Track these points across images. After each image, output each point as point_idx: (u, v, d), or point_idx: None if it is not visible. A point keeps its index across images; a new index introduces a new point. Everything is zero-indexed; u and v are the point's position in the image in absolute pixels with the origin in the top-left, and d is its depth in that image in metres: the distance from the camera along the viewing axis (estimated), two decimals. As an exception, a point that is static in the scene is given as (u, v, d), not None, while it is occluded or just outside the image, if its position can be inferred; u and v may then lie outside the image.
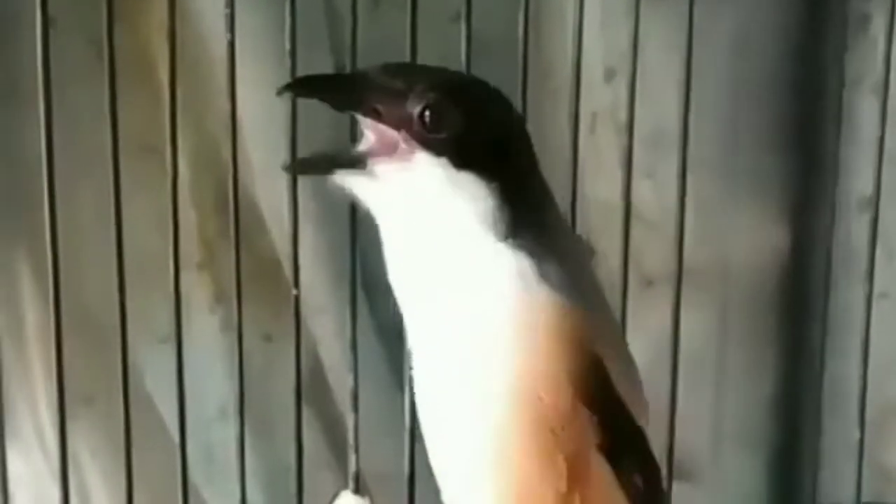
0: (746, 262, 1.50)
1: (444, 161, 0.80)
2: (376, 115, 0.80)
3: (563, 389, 0.80)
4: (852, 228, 1.42)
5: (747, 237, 1.50)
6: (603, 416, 0.81)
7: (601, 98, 1.43)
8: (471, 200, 0.80)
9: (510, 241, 0.81)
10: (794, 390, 1.53)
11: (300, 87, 0.85)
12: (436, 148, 0.80)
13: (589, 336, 0.81)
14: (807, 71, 1.46)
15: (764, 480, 1.56)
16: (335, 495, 1.28)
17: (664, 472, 1.22)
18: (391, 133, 0.80)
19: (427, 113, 0.79)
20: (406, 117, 0.80)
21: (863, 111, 1.40)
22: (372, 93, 0.80)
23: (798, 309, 1.51)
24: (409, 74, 0.83)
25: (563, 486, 0.80)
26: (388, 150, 0.80)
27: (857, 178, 1.42)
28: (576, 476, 0.81)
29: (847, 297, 1.40)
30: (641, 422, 0.86)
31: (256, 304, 1.30)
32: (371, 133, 0.81)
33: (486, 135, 0.81)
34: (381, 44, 1.20)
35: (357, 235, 1.19)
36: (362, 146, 0.82)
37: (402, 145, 0.80)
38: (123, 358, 1.15)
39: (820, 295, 1.41)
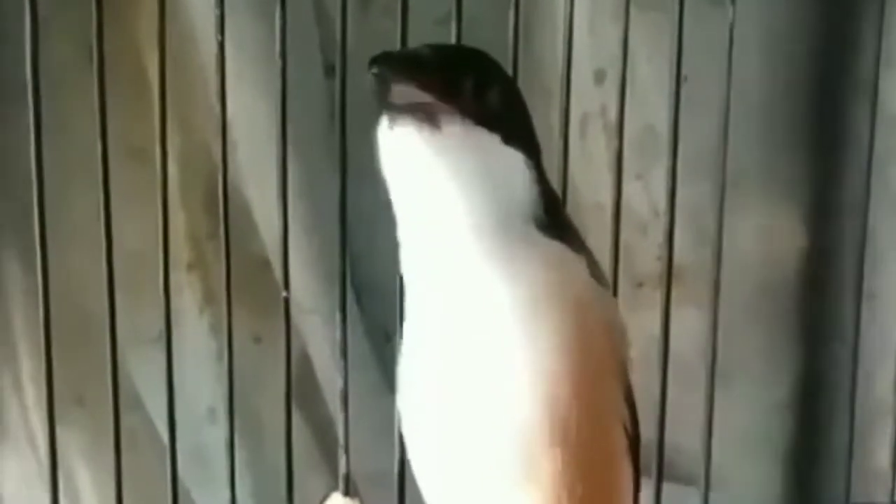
0: (737, 264, 1.50)
1: (496, 136, 0.77)
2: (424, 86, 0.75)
3: (611, 383, 0.79)
4: (843, 229, 1.42)
5: (738, 239, 1.51)
6: (630, 412, 0.82)
7: (591, 100, 1.43)
8: (516, 178, 0.78)
9: (549, 222, 0.79)
10: (785, 392, 1.53)
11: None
12: (487, 122, 0.76)
13: (623, 329, 0.82)
14: (792, 72, 1.46)
15: (760, 481, 1.56)
16: (325, 496, 1.28)
17: (654, 473, 1.23)
18: (441, 106, 0.75)
19: (478, 86, 0.76)
20: (457, 90, 0.76)
21: (851, 114, 1.40)
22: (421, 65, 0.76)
23: (789, 311, 1.51)
24: (454, 52, 0.82)
25: (612, 472, 0.80)
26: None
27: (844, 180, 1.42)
28: (619, 465, 0.81)
29: (836, 297, 1.41)
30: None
31: (246, 306, 1.30)
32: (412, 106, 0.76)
33: (523, 114, 0.81)
34: (371, 45, 1.19)
35: (347, 237, 1.19)
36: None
37: (455, 117, 0.75)
38: (113, 359, 1.15)
39: (811, 296, 1.42)
